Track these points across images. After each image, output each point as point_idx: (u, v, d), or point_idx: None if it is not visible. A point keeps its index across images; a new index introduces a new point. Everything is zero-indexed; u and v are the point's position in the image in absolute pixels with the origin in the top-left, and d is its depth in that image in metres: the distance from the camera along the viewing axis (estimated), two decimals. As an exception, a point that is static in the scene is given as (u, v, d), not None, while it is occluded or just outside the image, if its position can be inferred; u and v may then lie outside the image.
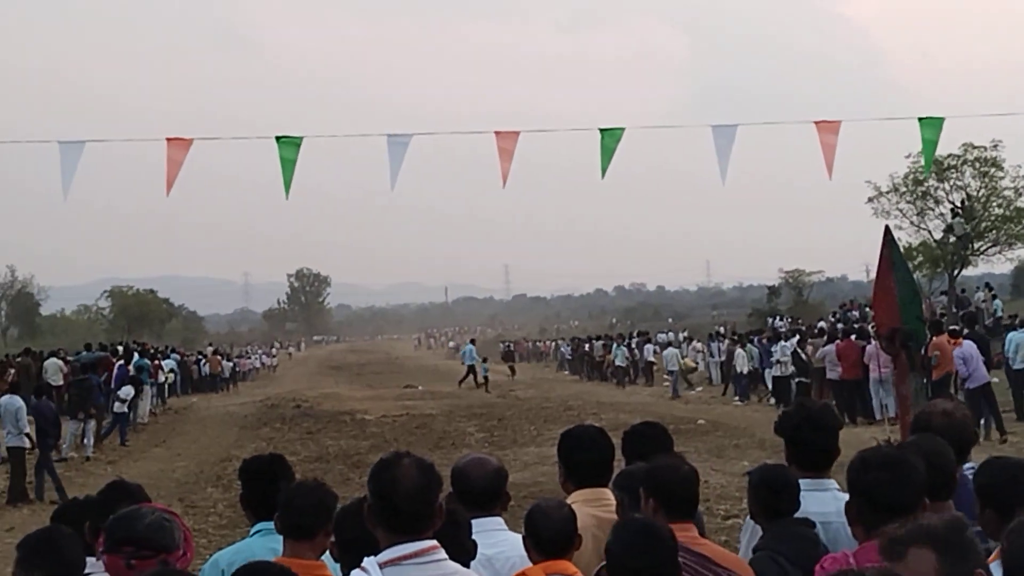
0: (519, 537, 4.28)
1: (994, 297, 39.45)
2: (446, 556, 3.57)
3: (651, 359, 39.85)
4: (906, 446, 4.17)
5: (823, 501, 4.65)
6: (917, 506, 3.57)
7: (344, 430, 27.58)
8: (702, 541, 4.34)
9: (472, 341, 54.22)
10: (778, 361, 28.37)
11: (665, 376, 37.47)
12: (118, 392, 26.44)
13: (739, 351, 33.42)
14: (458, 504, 4.25)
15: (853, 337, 25.71)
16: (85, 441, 23.66)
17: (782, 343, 29.15)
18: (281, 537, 4.37)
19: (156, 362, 36.79)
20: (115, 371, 28.63)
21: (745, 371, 32.95)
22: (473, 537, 4.12)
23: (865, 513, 3.66)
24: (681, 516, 4.30)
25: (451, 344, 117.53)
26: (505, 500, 4.57)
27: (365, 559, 3.50)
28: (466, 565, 3.80)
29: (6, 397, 18.93)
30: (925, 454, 3.98)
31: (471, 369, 45.24)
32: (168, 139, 9.57)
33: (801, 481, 4.59)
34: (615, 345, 41.29)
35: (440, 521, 3.59)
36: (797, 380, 27.57)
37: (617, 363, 39.48)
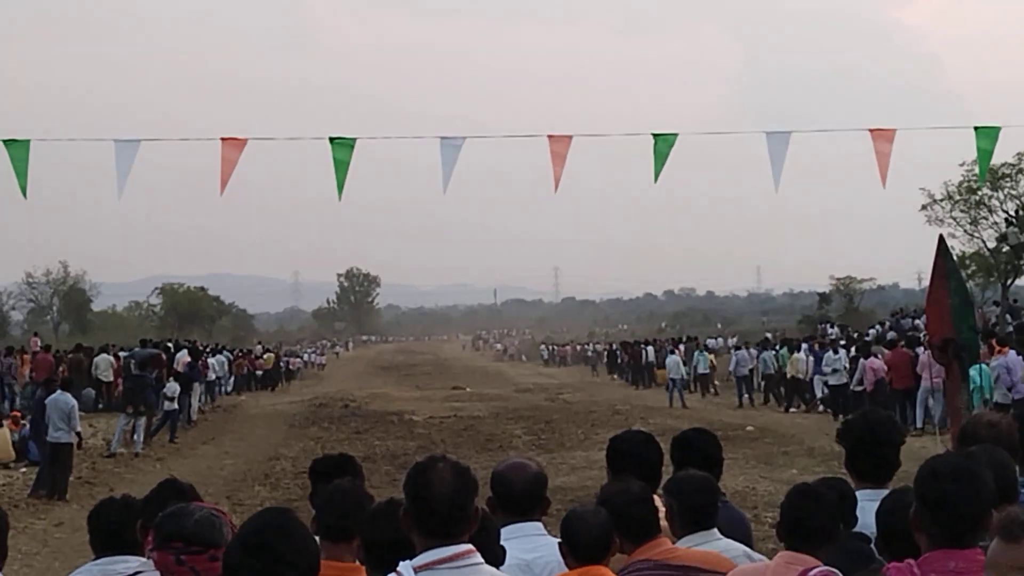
0: (557, 542, 4.26)
1: (1048, 307, 38.98)
2: (482, 560, 3.55)
3: (705, 370, 39.31)
4: (972, 455, 4.12)
5: (882, 513, 4.57)
6: (985, 516, 3.53)
7: (392, 431, 27.65)
8: (678, 552, 4.35)
9: None
10: (835, 369, 28.06)
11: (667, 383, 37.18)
12: (164, 391, 26.58)
13: (742, 352, 35.36)
14: (489, 510, 4.23)
15: (902, 345, 25.51)
16: (135, 437, 23.79)
17: (834, 352, 28.80)
18: None
19: (204, 360, 37.04)
20: (182, 368, 29.15)
21: (746, 373, 34.44)
22: (511, 542, 4.12)
23: (933, 523, 3.62)
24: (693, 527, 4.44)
25: (498, 346, 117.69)
26: (545, 505, 4.52)
27: (400, 563, 3.50)
28: None
29: (57, 393, 18.92)
30: (990, 464, 3.94)
31: None
32: (223, 139, 9.60)
33: (859, 492, 4.54)
34: (697, 351, 40.77)
35: (476, 525, 3.58)
36: (855, 389, 27.21)
37: (700, 370, 38.94)
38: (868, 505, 4.50)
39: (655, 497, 4.68)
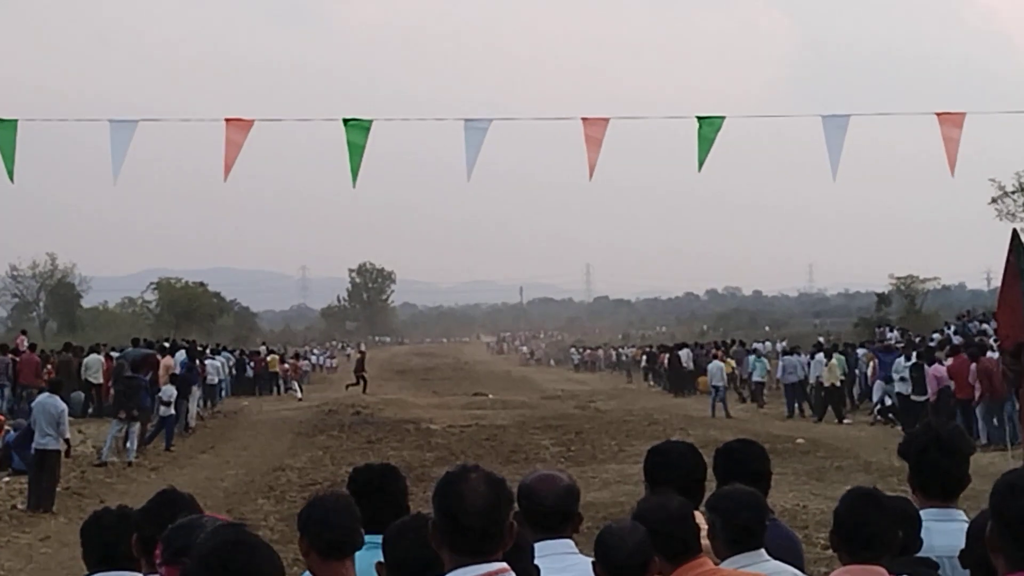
0: (591, 561, 4.25)
1: None
2: (517, 579, 3.56)
3: (760, 378, 39.06)
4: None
5: (951, 534, 4.50)
6: None
7: (407, 440, 27.69)
8: (721, 573, 4.33)
9: None
10: (902, 378, 27.87)
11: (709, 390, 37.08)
12: (159, 394, 26.62)
13: (792, 358, 35.36)
14: (522, 525, 4.21)
15: (966, 352, 25.38)
16: (128, 445, 23.82)
17: (905, 359, 28.60)
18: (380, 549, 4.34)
19: (202, 361, 37.07)
20: (177, 369, 29.15)
21: (796, 380, 34.42)
22: (540, 560, 4.10)
23: (1011, 542, 3.59)
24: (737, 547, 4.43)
25: (523, 349, 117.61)
26: (576, 521, 4.49)
27: None
28: None
29: (43, 396, 18.93)
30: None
31: None
32: (227, 120, 9.65)
33: (924, 512, 4.51)
34: (753, 357, 40.50)
35: (511, 542, 3.57)
36: (915, 399, 27.05)
37: (755, 378, 38.67)
38: (934, 526, 4.47)
39: (696, 514, 4.67)
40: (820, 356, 34.41)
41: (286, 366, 56.33)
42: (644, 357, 61.38)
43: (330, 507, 4.46)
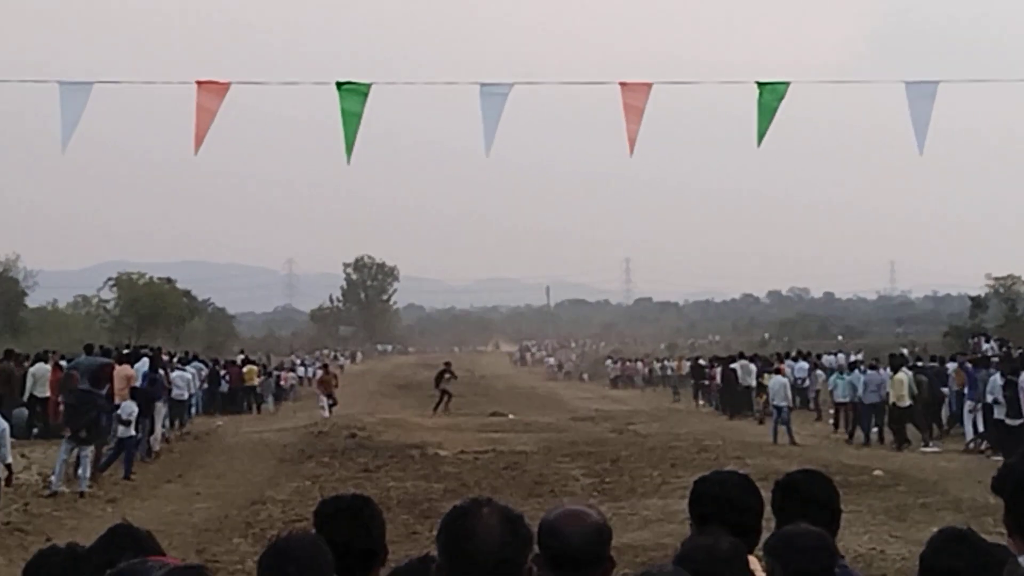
0: None
1: None
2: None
3: (843, 398, 38.65)
4: None
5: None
6: None
7: (411, 468, 27.69)
8: None
9: None
10: (995, 400, 27.69)
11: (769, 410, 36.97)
12: (117, 411, 26.54)
13: (872, 374, 34.69)
14: (542, 570, 4.19)
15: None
16: (80, 472, 23.76)
17: (1001, 376, 28.38)
18: None
19: (167, 371, 37.03)
20: (139, 381, 29.09)
21: (875, 400, 33.84)
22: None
23: None
24: None
25: (550, 360, 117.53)
26: (608, 566, 4.43)
27: None
28: None
29: (-20, 412, 18.93)
30: None
31: None
32: (199, 82, 9.66)
33: (1023, 560, 4.49)
34: (834, 374, 40.18)
35: (529, 588, 3.57)
36: (1011, 423, 26.91)
37: (837, 399, 38.13)
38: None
39: (752, 559, 4.66)
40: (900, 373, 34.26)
41: (287, 375, 56.26)
42: (691, 370, 61.17)
43: (292, 551, 4.43)
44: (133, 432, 26.67)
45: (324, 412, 45.78)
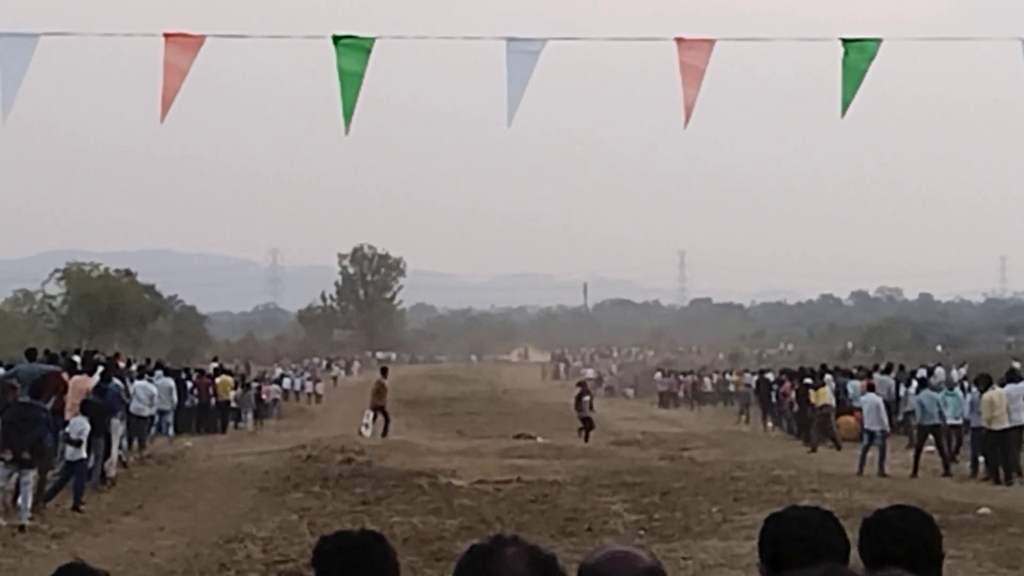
0: None
1: None
2: None
3: (956, 419, 38.20)
4: None
5: None
6: None
7: (419, 500, 27.72)
8: None
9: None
10: None
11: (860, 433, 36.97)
12: (65, 429, 26.46)
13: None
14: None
15: None
16: (20, 501, 23.79)
17: None
18: None
19: (124, 381, 37.03)
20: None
21: (954, 420, 34.79)
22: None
23: None
24: None
25: (588, 372, 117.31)
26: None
27: None
28: None
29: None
30: None
31: None
32: (167, 35, 9.67)
33: None
34: (945, 392, 39.54)
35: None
36: None
37: (950, 418, 37.55)
38: None
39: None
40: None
41: (270, 388, 56.28)
42: (756, 386, 60.92)
43: None
44: (84, 454, 26.60)
45: (365, 431, 45.89)
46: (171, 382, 42.78)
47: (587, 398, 50.00)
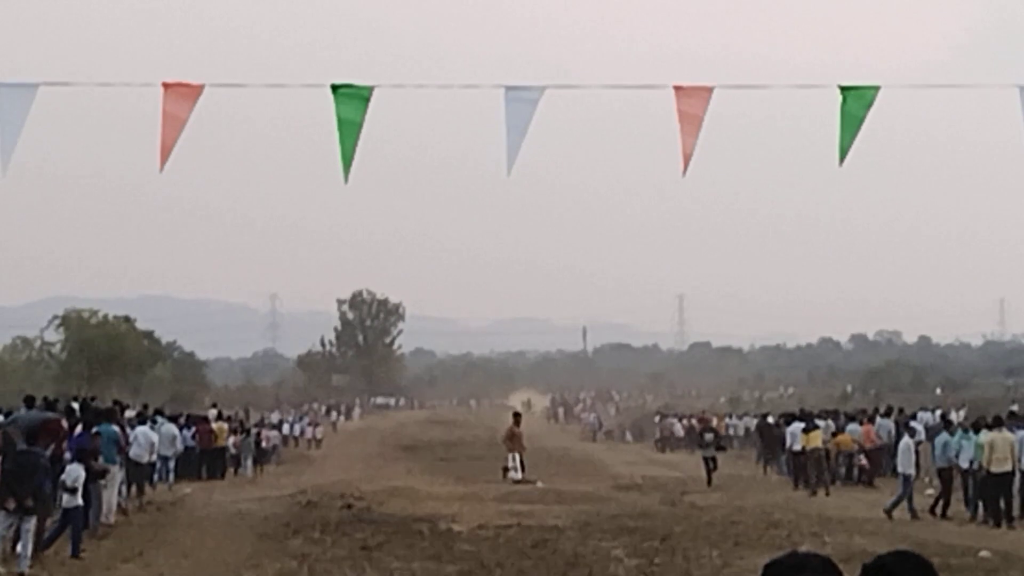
0: None
1: None
2: None
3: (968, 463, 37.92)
4: None
5: None
6: None
7: (419, 546, 27.69)
8: None
9: None
10: None
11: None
12: (63, 477, 26.38)
13: (993, 435, 33.74)
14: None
15: None
16: (19, 549, 23.76)
17: None
18: None
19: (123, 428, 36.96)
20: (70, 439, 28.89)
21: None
22: None
23: None
24: None
25: (589, 418, 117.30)
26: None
27: None
28: None
29: None
30: None
31: None
32: (165, 85, 9.71)
33: None
34: (960, 434, 39.15)
35: None
36: None
37: (964, 462, 37.19)
38: None
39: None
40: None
41: (269, 433, 56.10)
42: (759, 431, 60.94)
43: None
44: (80, 501, 26.53)
45: (514, 474, 46.24)
46: (175, 429, 42.85)
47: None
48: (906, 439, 36.38)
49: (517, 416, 52.21)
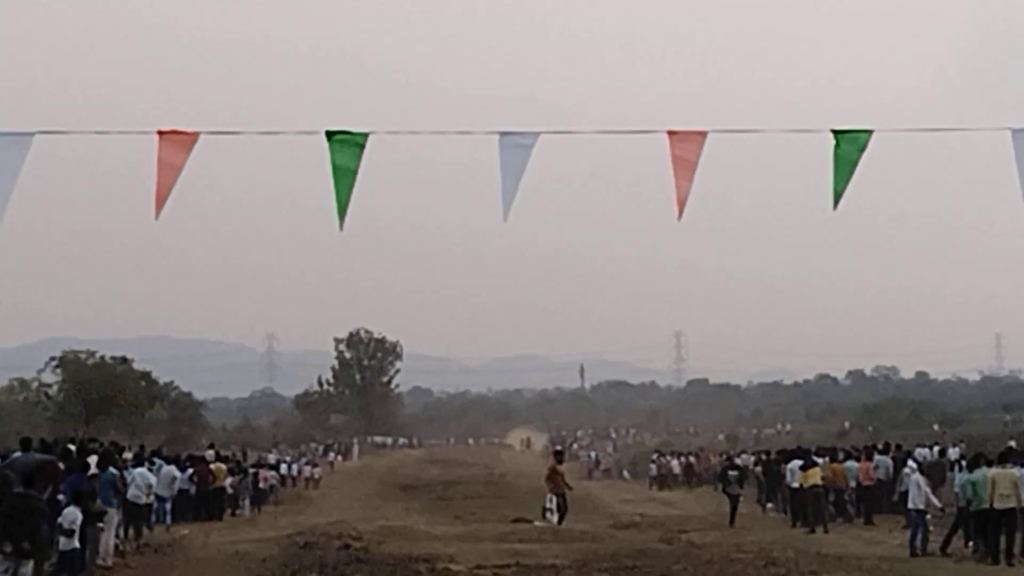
0: None
1: None
2: None
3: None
4: None
5: None
6: None
7: (417, 587, 27.66)
8: None
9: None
10: None
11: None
12: (59, 519, 26.32)
13: (915, 477, 35.28)
14: None
15: None
16: (17, 593, 23.75)
17: None
18: None
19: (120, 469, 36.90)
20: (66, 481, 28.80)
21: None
22: None
23: None
24: None
25: (591, 455, 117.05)
26: None
27: None
28: None
29: None
30: None
31: None
32: (160, 132, 9.72)
33: None
34: (962, 474, 38.63)
35: None
36: None
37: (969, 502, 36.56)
38: None
39: None
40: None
41: (267, 474, 55.79)
42: (760, 468, 60.81)
43: None
44: (77, 544, 26.48)
45: (551, 516, 45.42)
46: (174, 470, 42.78)
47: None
48: (917, 475, 36.32)
49: (559, 454, 52.09)
